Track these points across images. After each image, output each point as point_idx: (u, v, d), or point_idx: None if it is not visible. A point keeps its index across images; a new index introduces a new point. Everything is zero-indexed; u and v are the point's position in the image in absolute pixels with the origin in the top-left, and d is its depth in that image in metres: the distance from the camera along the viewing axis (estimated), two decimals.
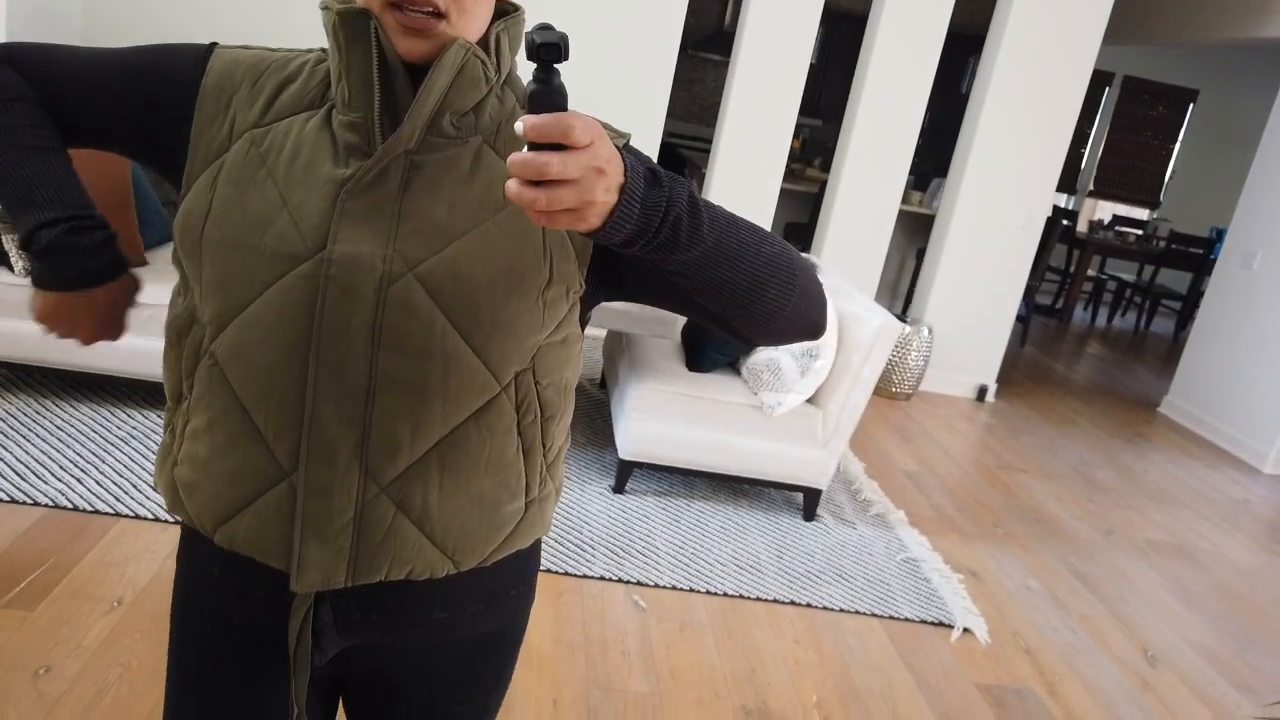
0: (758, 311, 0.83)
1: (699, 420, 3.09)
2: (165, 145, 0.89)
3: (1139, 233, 8.18)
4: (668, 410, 3.06)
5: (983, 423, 4.85)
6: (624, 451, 3.11)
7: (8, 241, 2.84)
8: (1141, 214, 9.34)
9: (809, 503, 3.26)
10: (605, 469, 3.35)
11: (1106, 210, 9.40)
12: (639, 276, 0.89)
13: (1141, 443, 5.01)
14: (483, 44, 0.86)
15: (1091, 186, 9.11)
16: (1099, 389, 6.02)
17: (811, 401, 3.19)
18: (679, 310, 0.90)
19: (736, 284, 0.79)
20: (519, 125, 0.63)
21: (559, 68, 1.92)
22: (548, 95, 0.64)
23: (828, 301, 0.91)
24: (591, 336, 4.80)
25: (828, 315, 0.92)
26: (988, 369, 5.20)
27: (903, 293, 6.59)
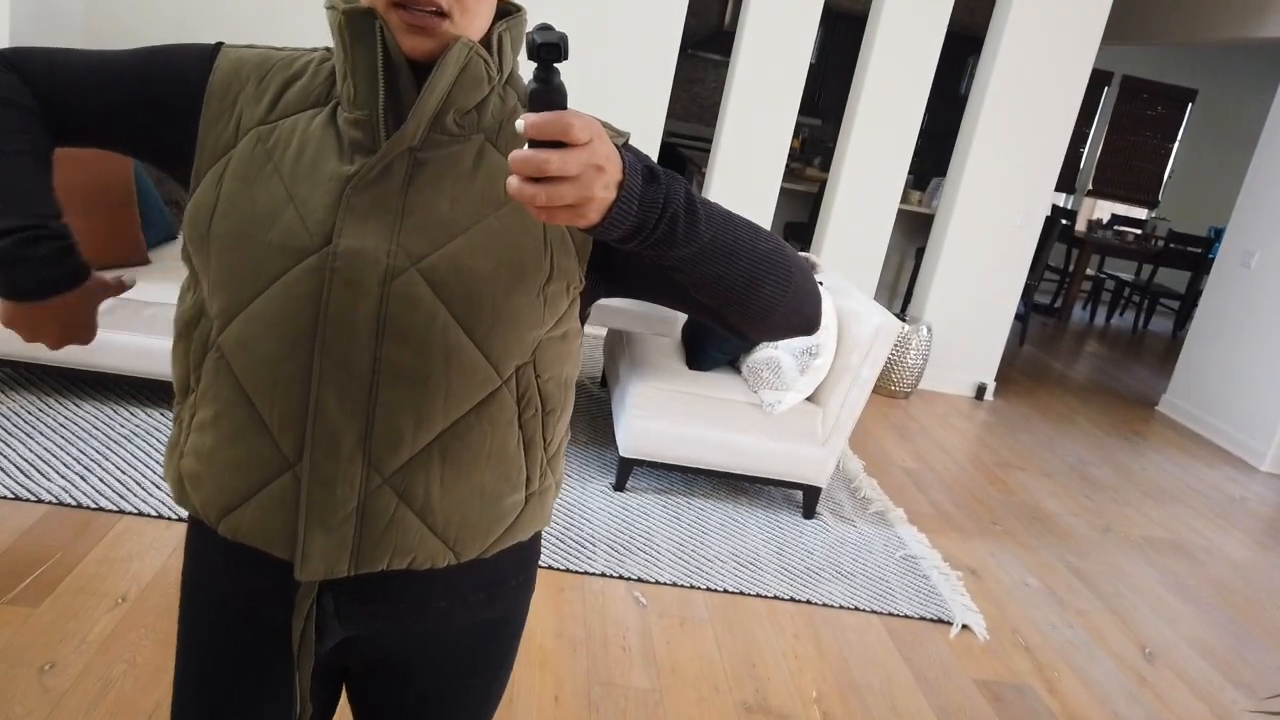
0: (754, 306, 0.84)
1: (699, 418, 3.10)
2: (172, 144, 0.91)
3: (1137, 232, 8.20)
4: (668, 408, 3.08)
5: (981, 421, 4.86)
6: (624, 449, 3.13)
7: None
8: (1140, 213, 9.36)
9: (809, 500, 3.27)
10: (606, 467, 3.37)
11: (1105, 209, 9.42)
12: (638, 272, 0.91)
13: (1139, 441, 5.03)
14: (485, 43, 0.87)
15: (1090, 186, 9.13)
16: (1097, 387, 6.04)
17: (811, 399, 3.20)
18: (677, 306, 0.92)
19: (733, 279, 0.81)
20: (520, 123, 0.65)
21: (559, 67, 1.94)
22: (548, 94, 0.66)
23: (822, 297, 0.93)
24: (592, 335, 4.81)
25: (822, 311, 0.94)
26: (986, 367, 5.21)
27: (902, 292, 6.60)
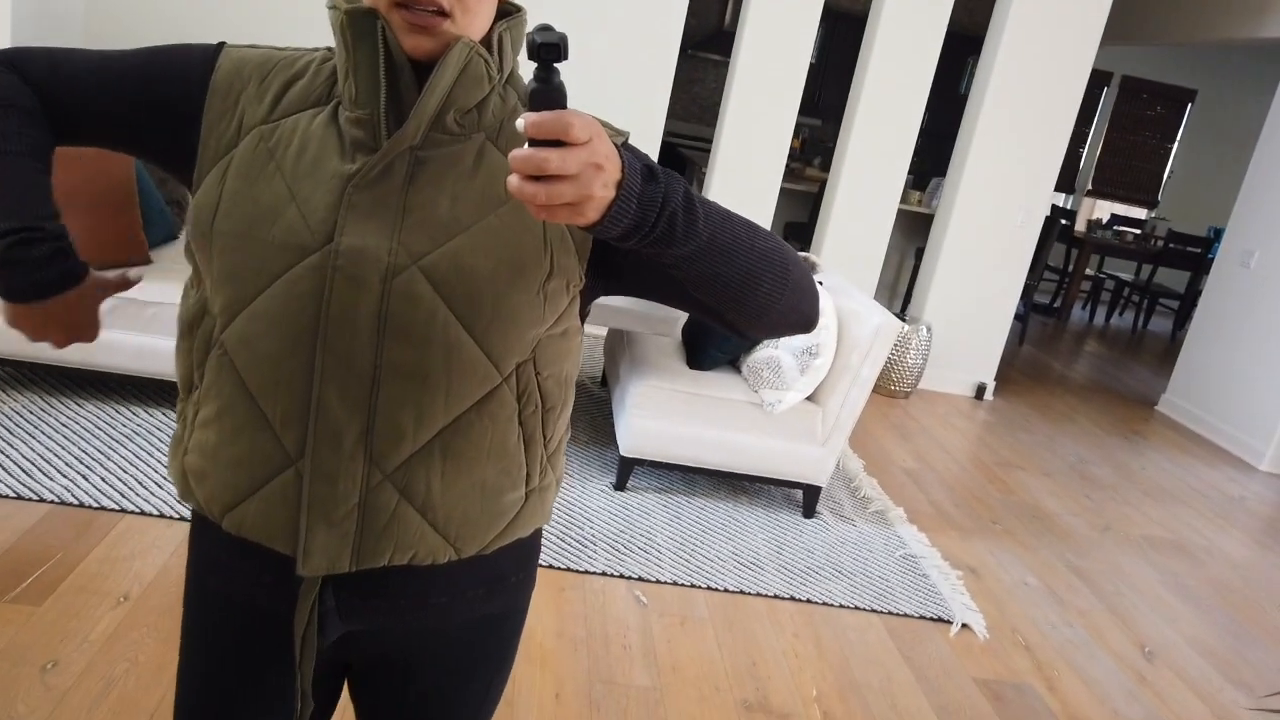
0: (752, 304, 0.85)
1: (700, 418, 3.11)
2: (175, 144, 0.91)
3: (1137, 232, 8.21)
4: (669, 408, 3.08)
5: (981, 420, 4.87)
6: (625, 449, 3.13)
7: None
8: (1139, 213, 9.36)
9: (809, 499, 3.28)
10: (607, 466, 3.37)
11: (1105, 209, 9.43)
12: (637, 270, 0.91)
13: (1139, 440, 5.04)
14: (485, 43, 0.88)
15: (1090, 186, 9.13)
16: (1097, 387, 6.04)
17: (811, 399, 3.21)
18: (676, 303, 0.93)
19: (731, 277, 0.81)
20: (520, 122, 0.65)
21: (558, 67, 1.94)
22: (548, 93, 0.66)
23: (820, 295, 0.93)
24: (593, 335, 4.82)
25: (820, 308, 0.95)
26: (986, 367, 5.22)
27: (902, 291, 6.61)
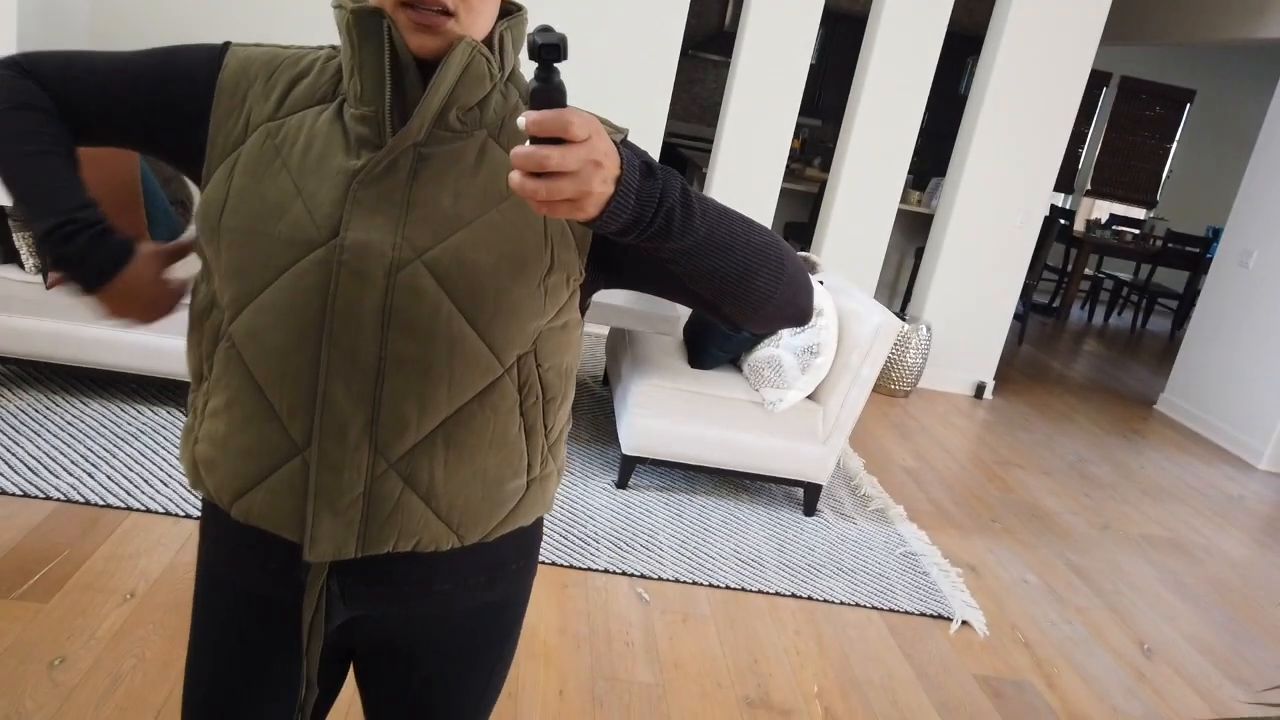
0: (748, 298, 0.86)
1: (701, 416, 3.12)
2: (184, 143, 0.94)
3: (1136, 232, 8.23)
4: (670, 406, 3.10)
5: (980, 419, 4.89)
6: (627, 447, 3.15)
7: (17, 239, 2.88)
8: (1138, 213, 9.38)
9: (809, 498, 3.30)
10: (609, 464, 3.39)
11: (1104, 209, 9.45)
12: (635, 264, 0.93)
13: (1137, 439, 5.05)
14: (488, 42, 0.90)
15: (1089, 186, 9.15)
16: (1096, 386, 6.06)
17: (812, 398, 3.22)
18: (673, 297, 0.94)
19: (728, 271, 0.83)
20: (521, 120, 0.67)
21: (558, 67, 1.95)
22: (548, 92, 0.68)
23: (814, 290, 0.95)
24: (595, 334, 4.83)
25: (814, 303, 0.97)
26: (986, 366, 5.24)
27: (901, 291, 6.63)
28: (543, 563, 2.68)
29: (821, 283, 3.36)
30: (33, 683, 1.90)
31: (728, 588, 2.75)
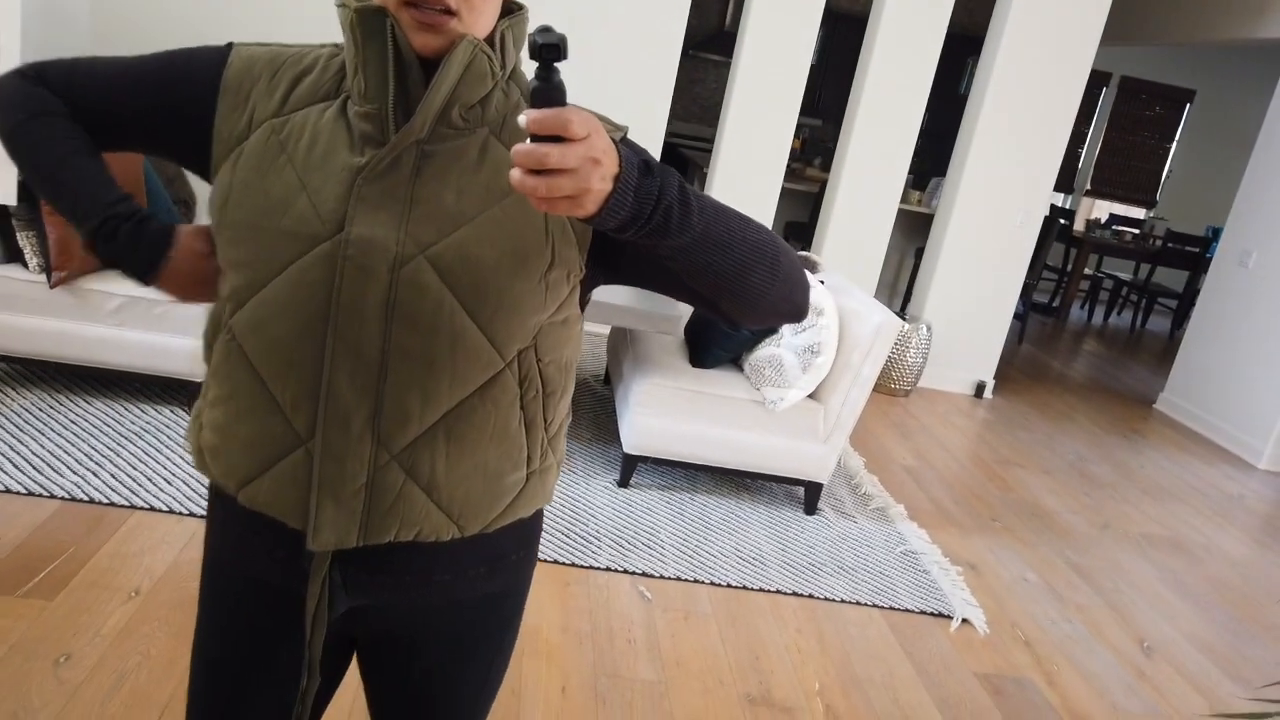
0: (745, 294, 0.88)
1: (702, 415, 3.13)
2: (191, 143, 0.95)
3: (1135, 231, 8.24)
4: (671, 405, 3.11)
5: (981, 419, 4.90)
6: (628, 446, 3.16)
7: (21, 238, 2.89)
8: (1138, 213, 9.39)
9: (810, 496, 3.31)
10: (610, 463, 3.40)
11: (1103, 209, 9.46)
12: (634, 261, 0.95)
13: (1137, 439, 5.07)
14: (489, 41, 0.91)
15: (1089, 186, 9.16)
16: (1096, 386, 6.07)
17: (813, 397, 3.23)
18: (672, 294, 0.96)
19: (724, 268, 0.84)
20: (522, 119, 0.68)
21: (558, 66, 1.96)
22: (548, 91, 0.69)
23: (810, 287, 0.97)
24: (596, 333, 4.84)
25: (809, 299, 0.98)
26: (986, 366, 5.25)
27: (902, 291, 6.64)
28: (545, 561, 2.69)
29: (822, 282, 3.37)
30: (38, 680, 1.91)
31: (729, 586, 2.76)
